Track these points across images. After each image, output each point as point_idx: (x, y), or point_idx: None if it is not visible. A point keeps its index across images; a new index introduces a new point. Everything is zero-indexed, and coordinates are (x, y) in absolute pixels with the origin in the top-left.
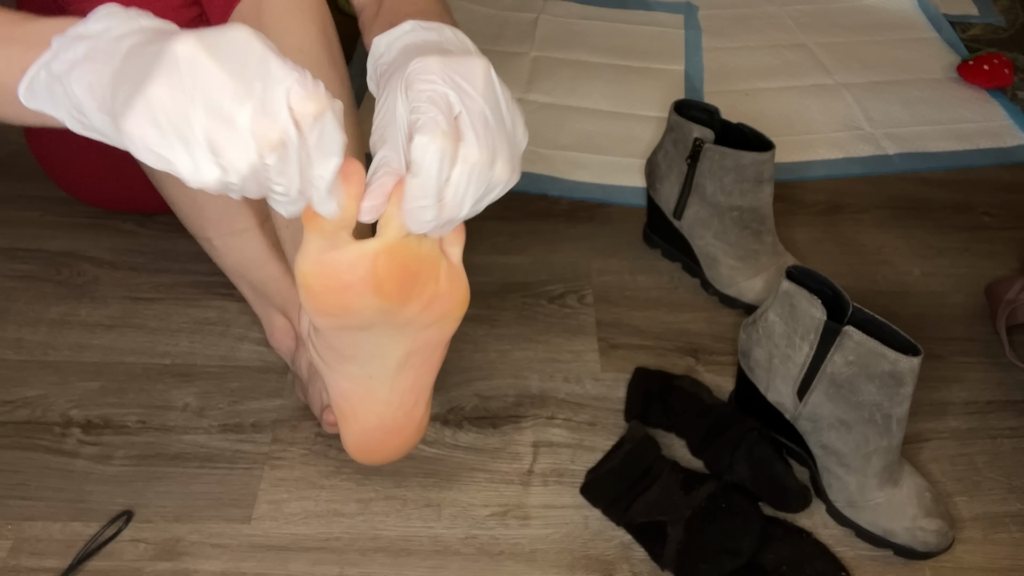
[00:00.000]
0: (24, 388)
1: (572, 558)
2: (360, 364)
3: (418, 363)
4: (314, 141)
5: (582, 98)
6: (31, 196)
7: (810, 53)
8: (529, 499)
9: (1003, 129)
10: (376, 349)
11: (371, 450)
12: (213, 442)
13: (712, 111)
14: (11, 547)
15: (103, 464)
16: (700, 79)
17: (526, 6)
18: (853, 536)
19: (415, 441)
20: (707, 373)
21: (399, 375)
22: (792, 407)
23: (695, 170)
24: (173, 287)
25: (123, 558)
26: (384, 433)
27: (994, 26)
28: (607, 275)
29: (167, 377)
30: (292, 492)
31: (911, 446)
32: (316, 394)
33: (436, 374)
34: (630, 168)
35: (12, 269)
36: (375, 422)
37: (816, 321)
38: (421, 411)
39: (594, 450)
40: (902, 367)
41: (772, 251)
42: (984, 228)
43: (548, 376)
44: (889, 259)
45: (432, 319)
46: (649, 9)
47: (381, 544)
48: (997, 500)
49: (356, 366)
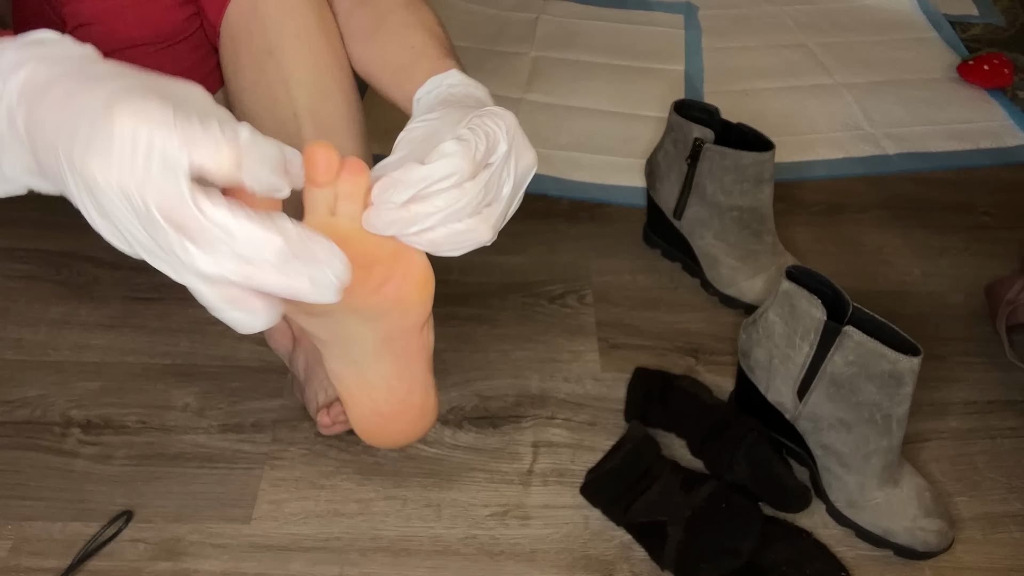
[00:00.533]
0: (24, 388)
1: (572, 558)
2: (341, 348)
3: (397, 350)
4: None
5: (582, 98)
6: (31, 196)
7: (810, 53)
8: (529, 499)
9: (1003, 129)
10: (347, 334)
11: (374, 433)
12: (213, 442)
13: (712, 111)
14: (11, 547)
15: (103, 464)
16: (700, 79)
17: (526, 6)
18: (853, 536)
19: (419, 428)
20: (707, 373)
21: (379, 362)
22: (792, 407)
23: (695, 170)
24: (173, 287)
25: (123, 558)
26: (381, 418)
27: (994, 26)
28: (607, 275)
29: (167, 377)
30: (292, 492)
31: (911, 446)
32: (312, 395)
33: (426, 363)
34: (630, 168)
35: (12, 269)
36: (370, 406)
37: (816, 321)
38: (418, 399)
39: (594, 450)
40: (902, 367)
41: (772, 251)
42: (984, 228)
43: (548, 376)
44: (889, 259)
45: (389, 304)
46: (649, 9)
47: (381, 544)
48: (997, 500)
49: (339, 349)
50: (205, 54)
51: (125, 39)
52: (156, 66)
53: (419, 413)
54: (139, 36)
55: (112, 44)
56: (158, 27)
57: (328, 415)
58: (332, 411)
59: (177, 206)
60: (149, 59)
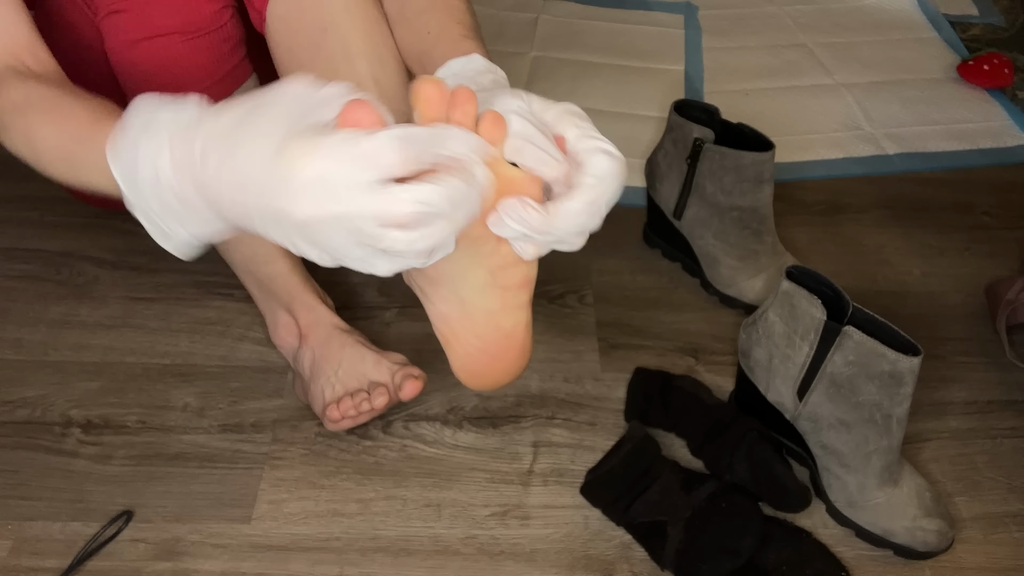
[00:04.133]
0: (24, 388)
1: (572, 558)
2: (449, 286)
3: (504, 283)
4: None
5: (582, 98)
6: (31, 196)
7: (810, 53)
8: (529, 499)
9: (1003, 129)
10: (457, 269)
11: (477, 374)
12: (213, 442)
13: (712, 111)
14: (11, 547)
15: (103, 464)
16: (700, 79)
17: (526, 6)
18: (853, 536)
19: (521, 364)
20: (707, 373)
21: (486, 296)
22: (792, 407)
23: (695, 170)
24: (173, 287)
25: (123, 558)
26: (486, 356)
27: (994, 26)
28: (607, 275)
29: (167, 377)
30: (292, 492)
31: (911, 446)
32: (318, 392)
33: (529, 296)
34: (630, 168)
35: (12, 269)
36: (476, 344)
37: (816, 321)
38: (521, 334)
39: (594, 450)
40: (902, 367)
41: (772, 251)
42: (984, 228)
43: (548, 376)
44: (889, 259)
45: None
46: (649, 9)
47: (381, 544)
48: (997, 500)
49: (446, 288)
50: (233, 47)
51: (157, 26)
52: (185, 56)
53: (521, 350)
54: (170, 24)
55: (143, 32)
56: (189, 16)
57: (338, 409)
58: (341, 405)
59: (387, 208)
60: (179, 48)
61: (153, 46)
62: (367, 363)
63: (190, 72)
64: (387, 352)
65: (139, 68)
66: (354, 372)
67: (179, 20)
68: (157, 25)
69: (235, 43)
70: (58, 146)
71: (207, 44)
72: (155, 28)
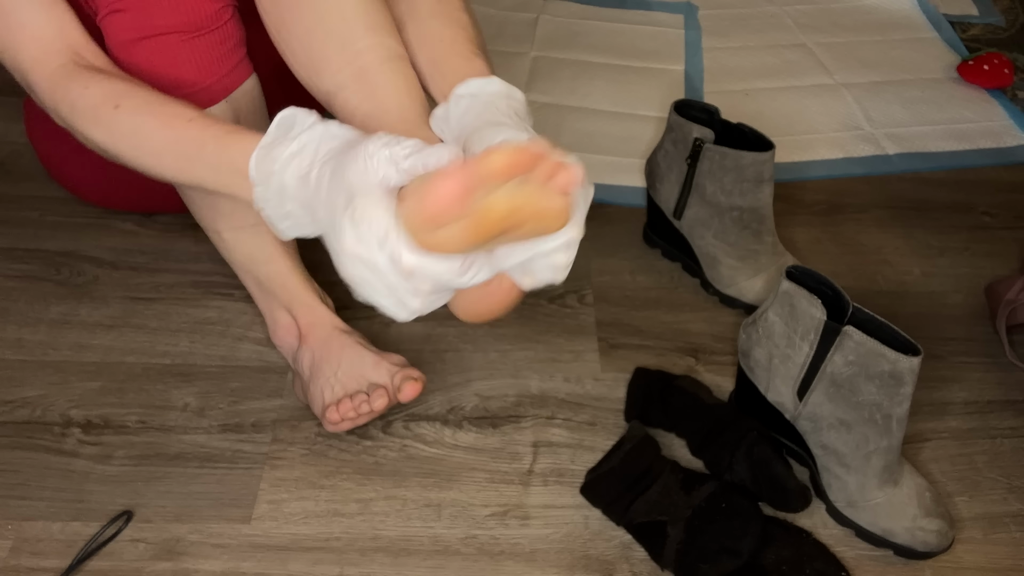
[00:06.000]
0: (24, 388)
1: (572, 558)
2: None
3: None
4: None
5: (582, 98)
6: (31, 196)
7: (810, 53)
8: (529, 499)
9: (1003, 129)
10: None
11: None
12: (213, 442)
13: (712, 111)
14: (11, 547)
15: (103, 464)
16: (700, 79)
17: (526, 6)
18: (853, 536)
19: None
20: (707, 373)
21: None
22: (792, 407)
23: (695, 170)
24: (173, 287)
25: (123, 558)
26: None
27: (994, 26)
28: (607, 275)
29: (167, 377)
30: (292, 492)
31: (911, 446)
32: (317, 393)
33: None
34: (630, 168)
35: (12, 269)
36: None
37: (816, 321)
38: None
39: (594, 450)
40: (902, 367)
41: (772, 251)
42: (984, 228)
43: (548, 376)
44: (889, 259)
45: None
46: (649, 9)
47: (381, 544)
48: (997, 500)
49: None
50: (233, 47)
51: (157, 26)
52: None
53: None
54: (171, 24)
55: (144, 31)
56: (190, 15)
57: (337, 411)
58: (341, 408)
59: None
60: (179, 48)
61: (153, 45)
62: (366, 364)
63: (190, 71)
64: (387, 353)
65: (139, 67)
66: (353, 373)
67: (179, 19)
68: (157, 24)
69: (235, 43)
70: (170, 144)
71: (207, 43)
72: (155, 27)
